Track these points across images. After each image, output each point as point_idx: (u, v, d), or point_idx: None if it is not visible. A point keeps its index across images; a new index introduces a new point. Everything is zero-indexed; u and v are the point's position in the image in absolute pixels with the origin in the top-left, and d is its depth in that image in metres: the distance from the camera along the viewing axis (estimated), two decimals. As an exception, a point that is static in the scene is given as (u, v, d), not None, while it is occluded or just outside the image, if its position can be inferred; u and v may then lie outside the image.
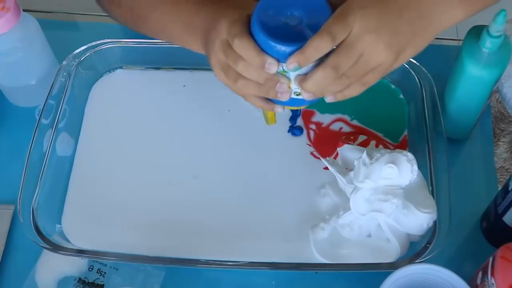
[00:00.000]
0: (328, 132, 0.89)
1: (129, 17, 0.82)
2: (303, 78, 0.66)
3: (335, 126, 0.89)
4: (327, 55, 0.65)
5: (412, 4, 0.66)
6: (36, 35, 0.88)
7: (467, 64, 0.78)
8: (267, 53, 0.64)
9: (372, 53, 0.64)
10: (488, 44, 0.76)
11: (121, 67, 0.95)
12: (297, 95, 0.68)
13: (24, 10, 0.85)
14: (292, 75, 0.66)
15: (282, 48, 0.64)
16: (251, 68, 0.66)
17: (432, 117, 0.85)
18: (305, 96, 0.67)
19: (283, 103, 0.70)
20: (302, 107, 0.75)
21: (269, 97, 0.69)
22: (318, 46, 0.63)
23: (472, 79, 0.79)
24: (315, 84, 0.65)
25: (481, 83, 0.80)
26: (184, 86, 0.93)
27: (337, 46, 0.64)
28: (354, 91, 0.68)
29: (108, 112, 0.92)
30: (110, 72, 0.95)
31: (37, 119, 0.85)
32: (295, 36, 0.64)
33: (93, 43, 0.91)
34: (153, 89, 0.93)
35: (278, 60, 0.64)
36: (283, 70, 0.65)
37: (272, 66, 0.65)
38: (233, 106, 0.91)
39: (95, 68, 0.93)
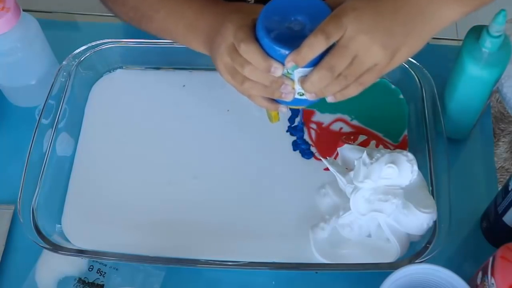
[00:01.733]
0: (329, 132, 0.89)
1: (133, 16, 0.83)
2: (304, 79, 0.67)
3: (335, 126, 0.89)
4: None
5: (407, 4, 0.67)
6: (36, 35, 0.88)
7: (467, 64, 0.78)
8: (272, 56, 0.66)
9: (367, 53, 0.65)
10: (488, 44, 0.76)
11: (121, 67, 0.95)
12: (300, 95, 0.70)
13: (24, 10, 0.85)
14: (296, 76, 0.68)
15: (286, 52, 0.66)
16: (257, 72, 0.68)
17: (432, 117, 0.85)
18: (308, 96, 0.69)
19: (286, 103, 0.72)
20: (304, 107, 0.76)
21: (274, 98, 0.71)
22: (312, 45, 0.64)
23: (472, 79, 0.79)
24: (313, 84, 0.67)
25: (481, 83, 0.80)
26: (184, 86, 0.93)
27: (333, 48, 0.65)
28: (352, 91, 0.69)
29: (108, 112, 0.92)
30: (110, 72, 0.95)
31: (37, 119, 0.85)
32: (298, 41, 0.65)
33: (93, 43, 0.91)
34: (153, 89, 0.93)
35: (283, 64, 0.66)
36: (288, 72, 0.67)
37: (278, 70, 0.67)
38: (233, 106, 0.91)
39: (95, 68, 0.93)
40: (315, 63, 0.66)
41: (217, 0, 0.77)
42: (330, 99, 0.70)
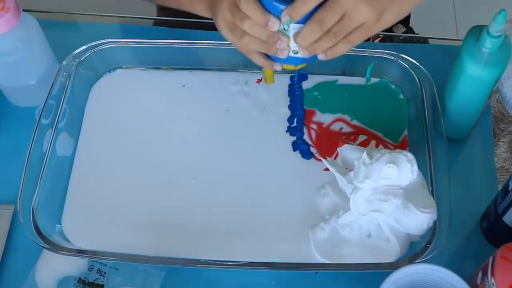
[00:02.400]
0: (329, 132, 0.89)
1: None
2: (296, 34, 0.72)
3: (336, 126, 0.89)
4: None
5: None
6: (36, 35, 0.88)
7: (467, 64, 0.78)
8: (270, 12, 0.71)
9: (355, 10, 0.69)
10: (488, 44, 0.76)
11: (121, 67, 0.95)
12: (295, 53, 0.74)
13: (24, 10, 0.85)
14: (291, 33, 0.72)
15: (283, 8, 0.70)
16: (256, 26, 0.72)
17: (432, 117, 0.85)
18: (301, 53, 0.73)
19: (282, 61, 0.76)
20: (298, 67, 0.79)
21: (270, 53, 0.75)
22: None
23: (472, 79, 0.79)
24: (304, 38, 0.71)
25: (481, 83, 0.80)
26: (184, 86, 0.93)
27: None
28: (341, 48, 0.73)
29: (108, 112, 0.92)
30: (110, 72, 0.95)
31: (37, 119, 0.85)
32: None
33: (93, 43, 0.91)
34: (153, 89, 0.93)
35: (279, 19, 0.71)
36: (284, 28, 0.72)
37: (275, 25, 0.71)
38: (232, 106, 0.91)
39: (95, 68, 0.93)
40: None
41: None
42: (321, 57, 0.74)
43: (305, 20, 0.70)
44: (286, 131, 0.89)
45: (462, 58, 0.79)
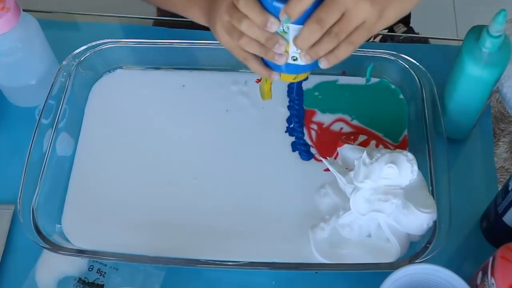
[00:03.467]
0: (329, 132, 0.89)
1: None
2: (296, 36, 0.69)
3: (336, 126, 0.89)
4: None
5: None
6: (36, 35, 0.88)
7: (467, 64, 0.78)
8: (269, 12, 0.69)
9: (355, 8, 0.67)
10: (488, 44, 0.76)
11: (121, 67, 0.95)
12: (294, 60, 0.71)
13: (24, 10, 0.85)
14: (291, 37, 0.69)
15: (282, 7, 0.67)
16: (254, 27, 0.69)
17: (432, 117, 0.85)
18: (301, 59, 0.70)
19: (280, 70, 0.73)
20: (298, 78, 0.76)
21: (268, 58, 0.72)
22: None
23: (472, 79, 0.79)
24: (303, 39, 0.68)
25: (481, 83, 0.80)
26: (184, 86, 0.93)
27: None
28: (344, 51, 0.70)
29: (108, 112, 0.92)
30: (110, 72, 0.95)
31: (37, 119, 0.85)
32: None
33: (93, 43, 0.91)
34: (153, 89, 0.93)
35: (279, 20, 0.69)
36: (283, 30, 0.69)
37: (273, 25, 0.68)
38: (232, 106, 0.91)
39: (95, 68, 0.93)
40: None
41: None
42: (323, 64, 0.71)
43: (304, 21, 0.68)
44: (285, 131, 0.89)
45: (462, 58, 0.79)
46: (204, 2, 0.78)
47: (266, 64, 0.74)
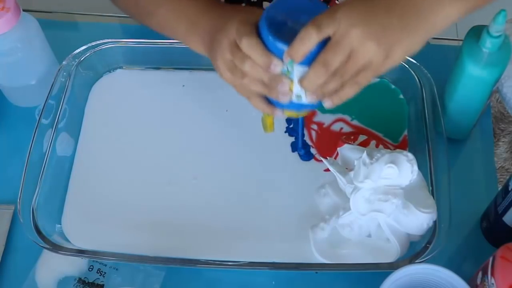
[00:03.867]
0: (329, 132, 0.89)
1: (134, 10, 0.83)
2: (301, 78, 0.68)
3: (336, 127, 0.89)
4: None
5: (402, 0, 0.66)
6: (36, 35, 0.88)
7: (467, 64, 0.78)
8: (272, 53, 0.67)
9: (360, 48, 0.64)
10: (488, 44, 0.76)
11: (121, 67, 0.95)
12: (298, 97, 0.69)
13: (24, 10, 0.85)
14: (295, 76, 0.68)
15: (286, 48, 0.66)
16: (257, 68, 0.68)
17: (432, 117, 0.85)
18: (306, 98, 0.69)
19: (283, 107, 0.72)
20: (301, 114, 0.76)
21: (271, 97, 0.71)
22: (303, 37, 0.64)
23: (472, 79, 0.79)
24: (309, 81, 0.67)
25: (481, 83, 0.80)
26: (184, 86, 0.93)
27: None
28: (349, 91, 0.69)
29: (108, 112, 0.92)
30: (110, 72, 0.95)
31: (37, 119, 0.85)
32: None
33: (93, 43, 0.91)
34: (153, 89, 0.93)
35: (282, 61, 0.67)
36: (287, 70, 0.67)
37: (277, 67, 0.67)
38: (231, 106, 0.91)
39: (95, 68, 0.93)
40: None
41: (220, 1, 0.78)
42: (327, 104, 0.70)
43: (310, 61, 0.66)
44: (285, 132, 0.89)
45: (462, 58, 0.79)
46: (204, 31, 0.75)
47: (269, 101, 0.72)
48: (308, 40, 0.64)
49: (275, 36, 0.66)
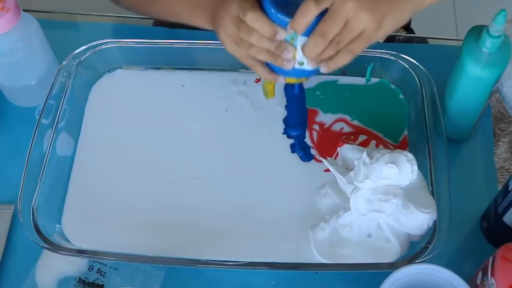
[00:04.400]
0: (329, 132, 0.89)
1: (137, 1, 0.86)
2: (302, 46, 0.73)
3: (336, 127, 0.89)
4: None
5: None
6: (36, 35, 0.88)
7: (467, 64, 0.78)
8: (276, 24, 0.72)
9: (355, 18, 0.70)
10: (488, 44, 0.76)
11: (121, 67, 0.95)
12: (300, 64, 0.74)
13: (24, 10, 0.85)
14: (299, 44, 0.73)
15: (288, 21, 0.71)
16: (264, 39, 0.73)
17: (432, 117, 0.85)
18: (307, 64, 0.74)
19: (285, 74, 0.77)
20: (300, 80, 0.80)
21: (277, 64, 0.75)
22: (304, 11, 0.70)
23: (472, 79, 0.79)
24: (309, 50, 0.72)
25: (481, 83, 0.80)
26: (184, 86, 0.93)
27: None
28: (343, 58, 0.73)
29: (108, 112, 0.92)
30: (110, 72, 0.95)
31: (37, 119, 0.85)
32: None
33: (93, 43, 0.91)
34: (153, 89, 0.93)
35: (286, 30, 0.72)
36: (292, 38, 0.72)
37: (283, 36, 0.72)
38: (231, 106, 0.91)
39: (95, 68, 0.93)
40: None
41: None
42: (323, 69, 0.74)
43: (310, 31, 0.71)
44: (283, 133, 0.89)
45: (462, 58, 0.79)
46: (207, 10, 0.80)
47: (271, 68, 0.76)
48: (308, 13, 0.69)
49: (278, 9, 0.71)
